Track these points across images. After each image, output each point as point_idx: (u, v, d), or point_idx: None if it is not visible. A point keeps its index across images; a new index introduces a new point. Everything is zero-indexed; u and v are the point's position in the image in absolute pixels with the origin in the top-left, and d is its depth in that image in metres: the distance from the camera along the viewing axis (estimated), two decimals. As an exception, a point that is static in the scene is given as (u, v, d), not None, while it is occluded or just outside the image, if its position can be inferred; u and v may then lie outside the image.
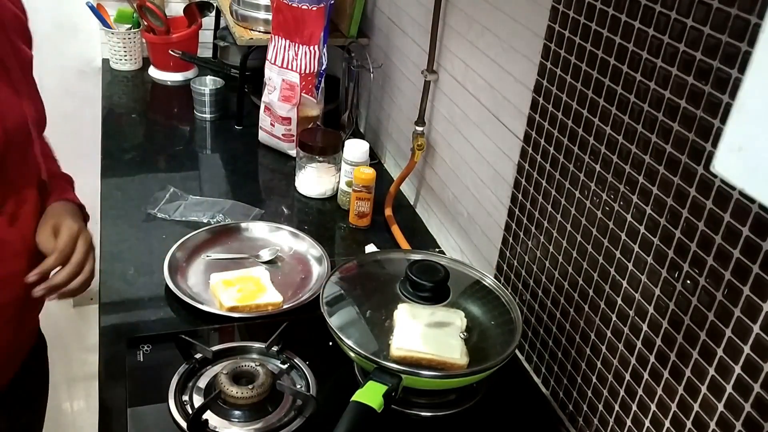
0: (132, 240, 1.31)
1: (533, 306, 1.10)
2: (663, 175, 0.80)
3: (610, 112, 0.88)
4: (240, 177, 1.61)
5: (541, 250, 1.07)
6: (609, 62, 0.87)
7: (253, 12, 1.72)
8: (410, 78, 1.55)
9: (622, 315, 0.89)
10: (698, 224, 0.75)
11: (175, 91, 2.04)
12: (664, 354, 0.82)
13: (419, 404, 1.01)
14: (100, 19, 2.06)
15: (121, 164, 1.59)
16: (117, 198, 1.44)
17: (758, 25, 0.65)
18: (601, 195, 0.91)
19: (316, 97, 1.63)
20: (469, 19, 1.25)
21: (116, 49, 2.06)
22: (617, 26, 0.85)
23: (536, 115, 1.05)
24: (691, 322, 0.77)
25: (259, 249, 1.30)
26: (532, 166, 1.07)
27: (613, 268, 0.90)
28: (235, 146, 1.74)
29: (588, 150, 0.93)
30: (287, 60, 1.59)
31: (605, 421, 0.94)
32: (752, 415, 0.70)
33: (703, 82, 0.73)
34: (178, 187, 1.47)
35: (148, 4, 1.95)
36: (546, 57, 1.00)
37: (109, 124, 1.77)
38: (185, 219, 1.38)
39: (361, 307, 1.06)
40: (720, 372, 0.74)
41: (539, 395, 1.09)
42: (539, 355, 1.10)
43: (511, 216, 1.15)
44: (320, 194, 1.53)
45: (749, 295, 0.69)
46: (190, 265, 1.25)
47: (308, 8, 1.52)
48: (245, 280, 1.19)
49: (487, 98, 1.21)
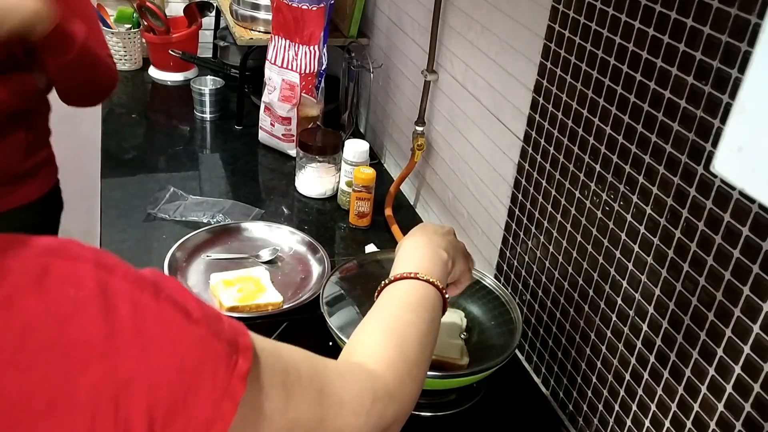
0: (132, 240, 1.31)
1: (533, 306, 1.10)
2: (663, 175, 0.80)
3: (610, 112, 0.88)
4: (240, 177, 1.60)
5: (541, 250, 1.07)
6: (609, 62, 0.87)
7: (253, 12, 1.72)
8: (410, 78, 1.55)
9: (622, 315, 0.89)
10: (698, 224, 0.75)
11: (175, 91, 2.04)
12: (664, 354, 0.82)
13: (419, 404, 1.01)
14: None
15: (121, 164, 1.59)
16: (117, 198, 1.44)
17: (758, 25, 0.65)
18: (601, 195, 0.91)
19: (316, 97, 1.63)
20: (469, 19, 1.25)
21: (116, 49, 2.06)
22: (617, 26, 0.85)
23: (536, 115, 1.05)
24: (691, 323, 0.77)
25: (259, 249, 1.30)
26: (532, 166, 1.07)
27: (613, 268, 0.90)
28: (235, 146, 1.74)
29: (588, 150, 0.93)
30: (287, 60, 1.59)
31: (605, 421, 0.94)
32: (752, 415, 0.70)
33: (703, 82, 0.73)
34: (178, 187, 1.47)
35: (148, 4, 1.95)
36: (546, 57, 1.00)
37: (109, 124, 1.77)
38: (185, 219, 1.38)
39: (361, 307, 1.06)
40: (720, 372, 0.74)
41: (539, 395, 1.09)
42: (539, 355, 1.10)
43: (511, 216, 1.15)
44: (320, 194, 1.53)
45: (749, 295, 0.69)
46: (190, 265, 1.25)
47: (308, 8, 1.52)
48: (245, 280, 1.19)
49: (487, 98, 1.21)
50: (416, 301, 0.72)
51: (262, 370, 0.50)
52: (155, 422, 0.42)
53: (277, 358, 0.53)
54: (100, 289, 0.43)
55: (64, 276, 0.42)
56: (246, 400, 0.47)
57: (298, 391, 0.53)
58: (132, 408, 0.41)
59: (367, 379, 0.61)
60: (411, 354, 0.66)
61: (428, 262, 0.78)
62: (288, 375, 0.53)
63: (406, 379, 0.64)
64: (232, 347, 0.47)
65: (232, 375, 0.46)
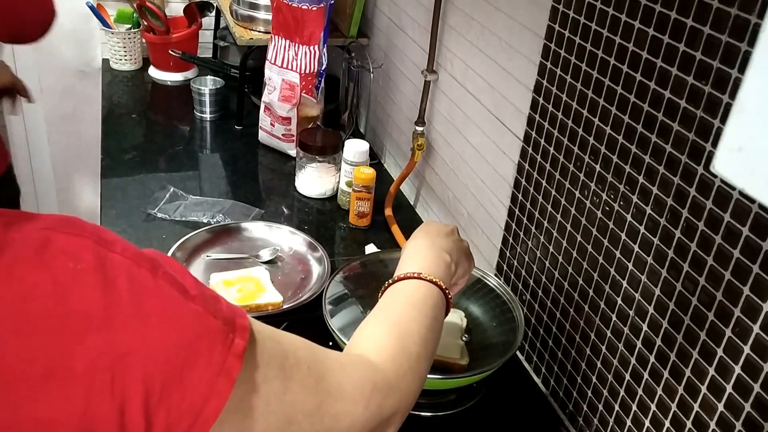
0: (132, 240, 1.30)
1: (533, 306, 1.10)
2: (663, 175, 0.80)
3: (610, 112, 0.88)
4: (240, 177, 1.61)
5: (541, 250, 1.07)
6: (609, 62, 0.87)
7: (253, 12, 1.72)
8: (410, 78, 1.55)
9: (622, 315, 0.89)
10: (698, 224, 0.75)
11: (175, 91, 2.04)
12: (664, 354, 0.82)
13: (419, 404, 1.01)
14: (100, 19, 2.06)
15: (121, 164, 1.59)
16: (117, 198, 1.44)
17: (758, 25, 0.65)
18: (601, 195, 0.91)
19: (316, 97, 1.63)
20: (469, 19, 1.25)
21: (116, 49, 2.06)
22: (617, 26, 0.85)
23: (536, 115, 1.05)
24: (691, 322, 0.77)
25: (259, 249, 1.30)
26: (532, 166, 1.07)
27: (613, 268, 0.90)
28: (235, 146, 1.74)
29: (588, 150, 0.93)
30: (287, 60, 1.59)
31: (605, 421, 0.94)
32: (752, 415, 0.70)
33: (703, 81, 0.73)
34: (178, 187, 1.47)
35: (148, 4, 1.95)
36: (546, 57, 1.00)
37: (109, 124, 1.77)
38: (185, 219, 1.38)
39: (364, 306, 1.06)
40: (720, 372, 0.74)
41: (539, 395, 1.09)
42: (539, 355, 1.10)
43: (511, 216, 1.15)
44: (320, 194, 1.53)
45: (749, 295, 0.69)
46: (190, 265, 1.25)
47: (308, 8, 1.52)
48: (245, 280, 1.19)
49: (487, 98, 1.21)
50: (419, 299, 0.73)
51: (259, 351, 0.50)
52: (151, 395, 0.42)
53: (275, 342, 0.53)
54: (99, 262, 0.43)
55: (64, 249, 0.43)
56: (243, 379, 0.47)
57: (296, 375, 0.53)
58: (128, 380, 0.41)
59: (368, 368, 0.62)
60: (413, 348, 0.67)
61: (432, 263, 0.78)
62: (287, 359, 0.53)
63: (407, 371, 0.65)
64: (228, 326, 0.47)
65: (228, 352, 0.46)
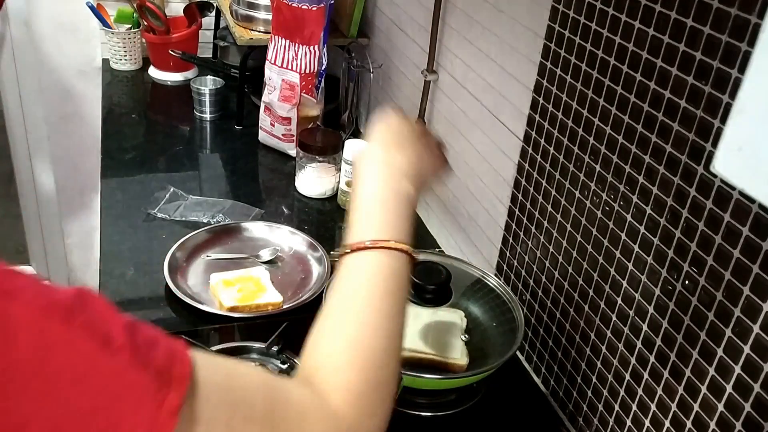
0: (132, 240, 1.31)
1: (533, 306, 1.10)
2: (663, 174, 0.80)
3: (610, 112, 0.88)
4: (240, 177, 1.61)
5: (541, 250, 1.07)
6: (609, 62, 0.87)
7: (253, 12, 1.72)
8: (410, 78, 1.55)
9: (622, 315, 0.89)
10: (698, 224, 0.75)
11: (175, 91, 2.04)
12: (664, 354, 0.82)
13: (420, 404, 1.01)
14: (100, 19, 2.06)
15: (121, 164, 1.59)
16: (117, 198, 1.44)
17: (758, 25, 0.65)
18: (601, 195, 0.91)
19: (316, 97, 1.63)
20: (469, 19, 1.25)
21: (116, 49, 2.06)
22: (617, 26, 0.85)
23: (536, 115, 1.05)
24: (691, 322, 0.77)
25: (259, 249, 1.30)
26: (532, 166, 1.07)
27: (613, 268, 0.90)
28: (235, 146, 1.74)
29: (588, 150, 0.93)
30: (287, 60, 1.59)
31: (605, 421, 0.94)
32: (752, 415, 0.70)
33: (703, 81, 0.73)
34: (178, 187, 1.47)
35: (148, 4, 1.95)
36: (546, 57, 1.00)
37: (109, 124, 1.77)
38: (185, 219, 1.38)
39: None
40: (720, 372, 0.74)
41: (539, 395, 1.09)
42: (539, 355, 1.10)
43: (511, 216, 1.15)
44: (320, 194, 1.53)
45: (749, 295, 0.69)
46: (190, 265, 1.25)
47: (308, 8, 1.52)
48: (245, 280, 1.19)
49: (487, 98, 1.21)
50: (382, 287, 0.64)
51: (202, 404, 0.44)
52: None
53: (225, 391, 0.47)
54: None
55: None
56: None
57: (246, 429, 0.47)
58: None
59: (330, 419, 0.55)
60: (380, 373, 0.60)
61: (391, 212, 0.67)
62: (237, 410, 0.47)
63: (373, 410, 0.58)
64: (162, 379, 0.41)
65: (160, 410, 0.41)
